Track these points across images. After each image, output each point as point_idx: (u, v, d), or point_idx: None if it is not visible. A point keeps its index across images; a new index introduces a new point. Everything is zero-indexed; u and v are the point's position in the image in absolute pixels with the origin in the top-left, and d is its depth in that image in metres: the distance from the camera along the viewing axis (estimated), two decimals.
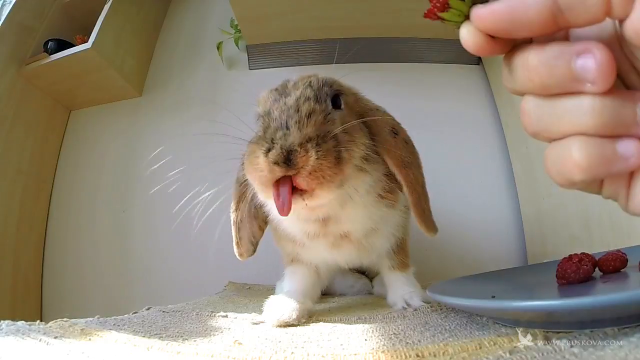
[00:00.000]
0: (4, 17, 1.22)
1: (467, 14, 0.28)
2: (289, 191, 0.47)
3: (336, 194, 0.51)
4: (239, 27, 1.37)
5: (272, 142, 0.47)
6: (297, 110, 0.50)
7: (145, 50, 1.51)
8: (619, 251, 0.50)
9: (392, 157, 0.57)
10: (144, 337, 0.44)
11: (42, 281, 1.32)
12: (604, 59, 0.24)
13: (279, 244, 0.70)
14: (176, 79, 1.49)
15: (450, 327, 0.45)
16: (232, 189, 0.65)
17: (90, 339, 0.42)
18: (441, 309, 0.55)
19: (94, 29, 1.24)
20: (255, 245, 0.67)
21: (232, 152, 0.59)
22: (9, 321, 0.43)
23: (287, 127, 0.48)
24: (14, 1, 1.25)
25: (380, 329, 0.48)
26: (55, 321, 0.47)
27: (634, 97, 0.26)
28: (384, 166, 0.58)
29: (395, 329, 0.47)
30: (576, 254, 0.48)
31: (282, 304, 0.57)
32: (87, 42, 1.23)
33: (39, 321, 0.45)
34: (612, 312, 0.33)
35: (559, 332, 0.35)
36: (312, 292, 0.69)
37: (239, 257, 0.66)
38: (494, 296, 0.44)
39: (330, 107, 0.54)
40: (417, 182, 0.58)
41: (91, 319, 0.52)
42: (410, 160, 0.58)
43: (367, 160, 0.54)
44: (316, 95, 0.52)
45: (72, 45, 1.26)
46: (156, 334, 0.46)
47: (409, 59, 1.41)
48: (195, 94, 1.45)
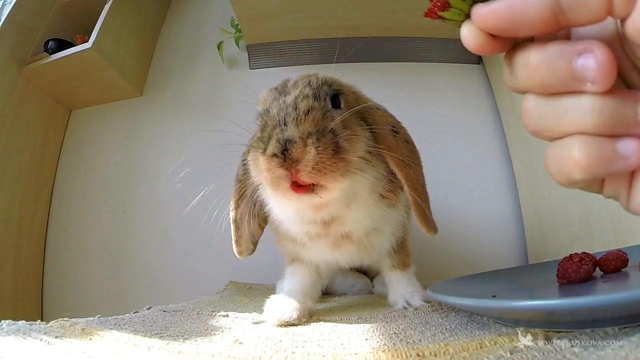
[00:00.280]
0: (4, 17, 1.22)
1: (468, 13, 0.27)
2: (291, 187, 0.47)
3: (345, 186, 0.51)
4: (239, 27, 1.37)
5: (269, 139, 0.47)
6: (295, 108, 0.50)
7: (145, 49, 1.51)
8: (619, 251, 0.50)
9: (393, 156, 0.57)
10: (145, 336, 0.44)
11: (43, 281, 1.32)
12: (604, 58, 0.24)
13: (279, 243, 0.70)
14: (177, 79, 1.49)
15: (451, 327, 0.45)
16: (232, 187, 0.65)
17: (91, 339, 0.42)
18: (442, 309, 0.55)
19: (94, 28, 1.24)
20: (254, 243, 0.67)
21: (233, 151, 0.59)
22: (10, 321, 0.43)
23: (285, 124, 0.48)
24: (14, 1, 1.25)
25: (380, 328, 0.48)
26: (56, 321, 0.46)
27: (634, 96, 0.26)
28: (384, 165, 0.58)
29: (395, 329, 0.47)
30: (577, 254, 0.48)
31: (283, 303, 0.57)
32: (88, 41, 1.22)
33: (39, 321, 0.45)
34: (613, 312, 0.33)
35: (560, 331, 0.35)
36: (312, 291, 0.69)
37: (238, 256, 0.66)
38: (494, 296, 0.44)
39: (329, 105, 0.54)
40: (417, 181, 0.58)
41: (92, 318, 0.51)
42: (410, 159, 0.58)
43: (368, 158, 0.54)
44: (315, 93, 0.52)
45: (73, 45, 1.26)
46: (157, 334, 0.46)
47: (409, 59, 1.41)
48: (195, 94, 1.45)
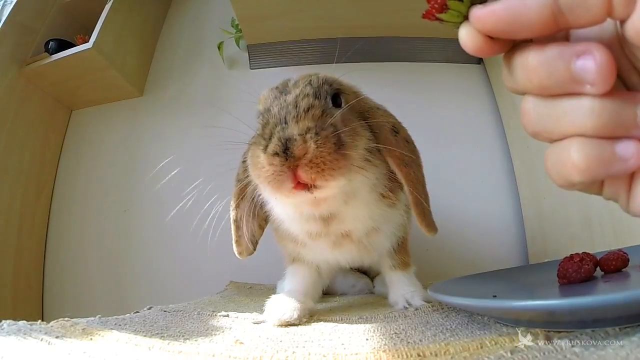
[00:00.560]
0: (4, 18, 1.22)
1: (466, 15, 0.27)
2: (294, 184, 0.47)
3: (344, 184, 0.50)
4: (239, 27, 1.37)
5: (270, 138, 0.47)
6: (296, 106, 0.50)
7: (146, 49, 1.51)
8: (620, 251, 0.50)
9: (393, 155, 0.57)
10: (146, 336, 0.44)
11: (44, 281, 1.32)
12: (604, 60, 0.24)
13: (280, 243, 0.70)
14: (177, 79, 1.49)
15: (451, 327, 0.45)
16: (232, 187, 0.65)
17: (91, 339, 0.42)
18: (442, 309, 0.55)
19: (94, 28, 1.24)
20: (255, 244, 0.66)
21: (233, 151, 0.59)
22: (11, 321, 0.43)
23: (286, 122, 0.48)
24: (14, 1, 1.25)
25: (381, 328, 0.48)
26: (56, 321, 0.46)
27: (634, 98, 0.25)
28: (385, 165, 0.58)
29: (396, 329, 0.47)
30: (577, 254, 0.48)
31: (284, 303, 0.57)
32: (88, 42, 1.23)
33: (40, 321, 0.45)
34: (614, 312, 0.33)
35: (560, 331, 0.35)
36: (313, 291, 0.69)
37: (238, 256, 0.66)
38: (495, 296, 0.44)
39: (330, 104, 0.54)
40: (417, 181, 0.58)
41: (92, 318, 0.51)
42: (410, 159, 0.58)
43: (368, 157, 0.54)
44: (316, 92, 0.52)
45: (73, 45, 1.26)
46: (157, 334, 0.46)
47: (409, 58, 1.41)
48: (196, 94, 1.45)
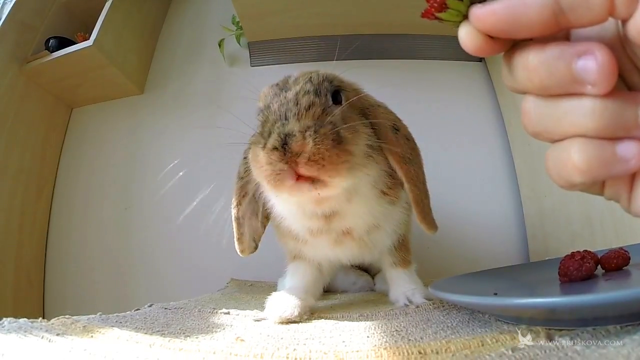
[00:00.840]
0: (4, 16, 1.22)
1: (466, 14, 0.27)
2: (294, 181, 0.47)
3: (349, 182, 0.50)
4: (240, 24, 1.37)
5: (269, 134, 0.47)
6: (296, 103, 0.50)
7: (146, 47, 1.50)
8: (621, 249, 0.50)
9: (393, 153, 0.57)
10: (146, 334, 0.44)
11: (44, 278, 1.32)
12: (605, 60, 0.24)
13: (281, 240, 0.70)
14: (178, 76, 1.48)
15: (452, 324, 0.45)
16: (233, 185, 0.65)
17: (92, 336, 0.42)
18: (443, 306, 0.55)
19: (95, 26, 1.24)
20: (256, 241, 0.67)
21: (234, 149, 0.59)
22: (11, 318, 0.43)
23: (286, 119, 0.48)
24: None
25: (382, 326, 0.48)
26: (57, 318, 0.47)
27: (635, 98, 0.25)
28: (385, 162, 0.58)
29: (397, 326, 0.47)
30: (578, 252, 0.48)
31: (284, 300, 0.57)
32: (89, 39, 1.22)
33: (41, 318, 0.45)
34: (615, 310, 0.33)
35: (561, 329, 0.35)
36: (314, 289, 0.69)
37: (240, 254, 0.66)
38: (496, 293, 0.44)
39: (330, 102, 0.53)
40: (417, 179, 0.58)
41: (93, 316, 0.52)
42: (411, 156, 0.58)
43: (370, 154, 0.54)
44: (316, 89, 0.52)
45: (74, 43, 1.26)
46: (158, 331, 0.46)
47: (410, 56, 1.40)
48: (196, 91, 1.45)
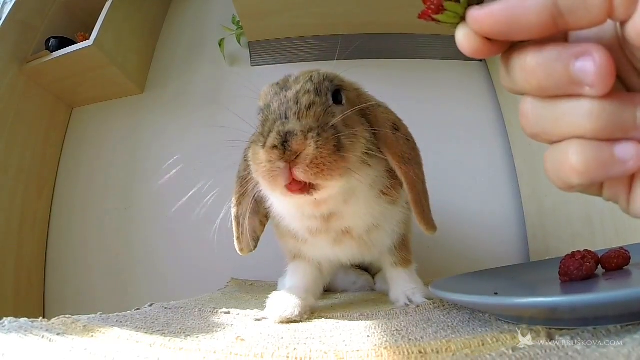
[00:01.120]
0: (5, 16, 1.22)
1: (463, 15, 0.27)
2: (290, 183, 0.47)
3: (342, 185, 0.50)
4: (240, 24, 1.37)
5: (269, 133, 0.47)
6: (297, 102, 0.50)
7: (147, 47, 1.50)
8: (621, 248, 0.50)
9: (393, 153, 0.57)
10: (147, 333, 0.44)
11: (45, 278, 1.32)
12: (603, 61, 0.24)
13: (281, 240, 0.70)
14: (178, 76, 1.48)
15: (452, 324, 0.45)
16: (233, 184, 0.65)
17: (92, 336, 0.42)
18: (444, 306, 0.55)
19: (95, 26, 1.24)
20: (256, 240, 0.66)
21: (234, 148, 0.59)
22: (12, 318, 0.43)
23: (286, 117, 0.48)
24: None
25: (382, 325, 0.48)
26: (57, 318, 0.47)
27: (634, 100, 0.25)
28: (385, 162, 0.58)
29: (397, 326, 0.47)
30: (579, 251, 0.48)
31: (285, 300, 0.57)
32: (89, 39, 1.22)
33: (41, 318, 0.45)
34: (615, 310, 0.33)
35: (562, 329, 0.35)
36: (314, 288, 0.69)
37: (239, 253, 0.66)
38: (496, 293, 0.44)
39: (330, 101, 0.53)
40: (417, 179, 0.58)
41: (94, 315, 0.52)
42: (410, 157, 0.58)
43: (369, 155, 0.54)
44: (317, 89, 0.52)
45: (74, 42, 1.26)
46: (159, 331, 0.46)
47: (410, 55, 1.40)
48: (197, 91, 1.45)
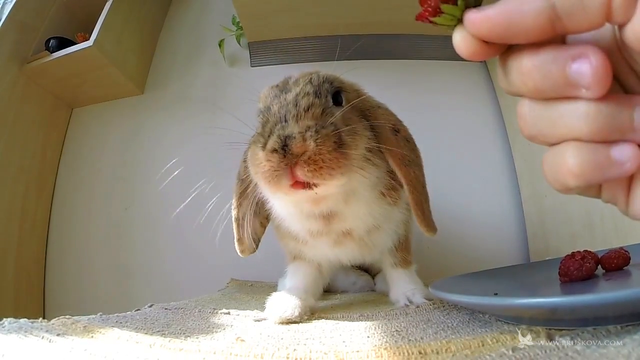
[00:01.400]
0: (5, 16, 1.22)
1: (460, 18, 0.27)
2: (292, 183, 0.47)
3: (343, 183, 0.50)
4: (240, 24, 1.37)
5: (269, 136, 0.47)
6: (296, 105, 0.50)
7: (147, 47, 1.50)
8: (621, 249, 0.50)
9: (393, 154, 0.57)
10: (147, 334, 0.44)
11: (45, 279, 1.32)
12: (599, 63, 0.24)
13: (281, 241, 0.70)
14: (178, 77, 1.48)
15: (452, 325, 0.45)
16: (233, 185, 0.65)
17: (92, 336, 0.42)
18: (443, 306, 0.55)
19: (95, 26, 1.24)
20: (256, 242, 0.66)
21: (234, 149, 0.59)
22: (12, 319, 0.43)
23: (286, 120, 0.48)
24: (15, 0, 1.25)
25: (382, 326, 0.48)
26: (57, 318, 0.47)
27: (630, 101, 0.25)
28: (385, 163, 0.58)
29: (397, 326, 0.47)
30: (579, 252, 0.48)
31: (285, 301, 0.57)
32: (89, 39, 1.22)
33: (41, 319, 0.45)
34: (615, 310, 0.33)
35: (562, 329, 0.35)
36: (314, 289, 0.69)
37: (240, 254, 0.66)
38: (496, 293, 0.44)
39: (330, 103, 0.53)
40: (417, 181, 0.58)
41: (93, 316, 0.52)
42: (411, 158, 0.58)
43: (369, 157, 0.54)
44: (316, 91, 0.52)
45: (74, 43, 1.26)
46: (158, 331, 0.46)
47: (410, 56, 1.40)
48: (197, 91, 1.45)
